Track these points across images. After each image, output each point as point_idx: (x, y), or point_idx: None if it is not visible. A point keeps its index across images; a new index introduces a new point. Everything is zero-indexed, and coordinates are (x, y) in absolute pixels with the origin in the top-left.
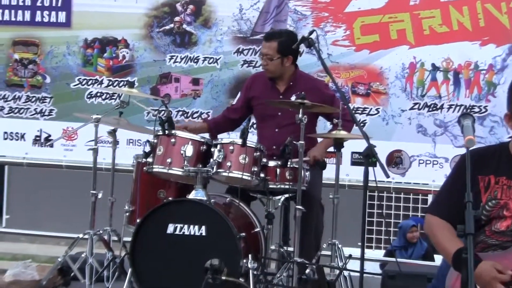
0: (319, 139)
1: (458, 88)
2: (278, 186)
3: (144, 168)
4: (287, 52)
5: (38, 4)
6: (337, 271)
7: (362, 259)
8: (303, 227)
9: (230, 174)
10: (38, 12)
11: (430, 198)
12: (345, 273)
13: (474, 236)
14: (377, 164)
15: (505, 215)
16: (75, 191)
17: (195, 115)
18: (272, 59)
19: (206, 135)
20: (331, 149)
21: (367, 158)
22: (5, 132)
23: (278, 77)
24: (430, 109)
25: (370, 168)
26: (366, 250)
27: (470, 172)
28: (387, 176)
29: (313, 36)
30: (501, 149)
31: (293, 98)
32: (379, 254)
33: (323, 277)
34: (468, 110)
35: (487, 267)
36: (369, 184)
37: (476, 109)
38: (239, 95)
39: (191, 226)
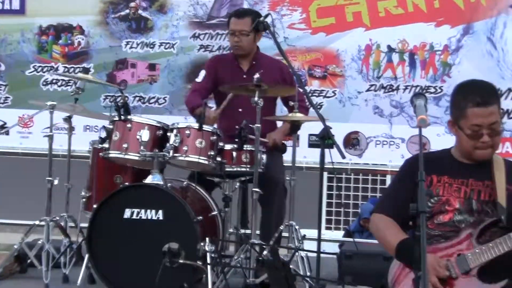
0: (279, 123)
1: (414, 69)
2: (235, 169)
3: (100, 153)
4: (259, 28)
5: None
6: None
7: (319, 239)
8: (264, 209)
9: (187, 158)
10: None
11: (388, 178)
12: (302, 253)
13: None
14: (334, 145)
15: (447, 209)
16: (31, 178)
17: (152, 100)
18: (248, 34)
19: (162, 119)
20: None
21: (323, 139)
22: None
23: (244, 55)
24: (386, 91)
25: (327, 150)
26: (326, 231)
27: (412, 173)
28: (343, 157)
29: (268, 19)
30: (444, 153)
31: (256, 75)
32: (339, 235)
33: (277, 257)
34: (424, 91)
35: (431, 258)
36: (326, 166)
37: (432, 90)
38: (203, 74)
39: (148, 211)
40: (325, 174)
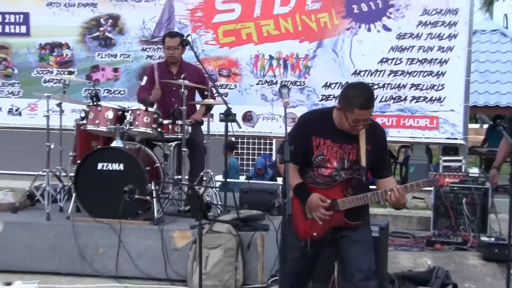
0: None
1: (286, 70)
2: (170, 136)
3: (81, 127)
4: (184, 44)
5: (7, 21)
6: (209, 190)
7: (226, 182)
8: (191, 162)
9: (138, 129)
10: (7, 26)
11: (274, 142)
12: (215, 191)
13: (297, 165)
14: (234, 120)
15: (328, 166)
16: (36, 144)
17: (116, 92)
18: (178, 48)
19: (122, 104)
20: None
21: (227, 116)
22: None
23: (174, 63)
24: (269, 84)
25: (230, 124)
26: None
27: (306, 132)
28: (239, 127)
29: (189, 38)
30: (327, 115)
31: (182, 76)
32: (242, 178)
33: (195, 192)
34: (292, 84)
35: (314, 197)
36: (229, 134)
37: (298, 83)
38: (145, 79)
39: (114, 164)
40: (233, 139)
